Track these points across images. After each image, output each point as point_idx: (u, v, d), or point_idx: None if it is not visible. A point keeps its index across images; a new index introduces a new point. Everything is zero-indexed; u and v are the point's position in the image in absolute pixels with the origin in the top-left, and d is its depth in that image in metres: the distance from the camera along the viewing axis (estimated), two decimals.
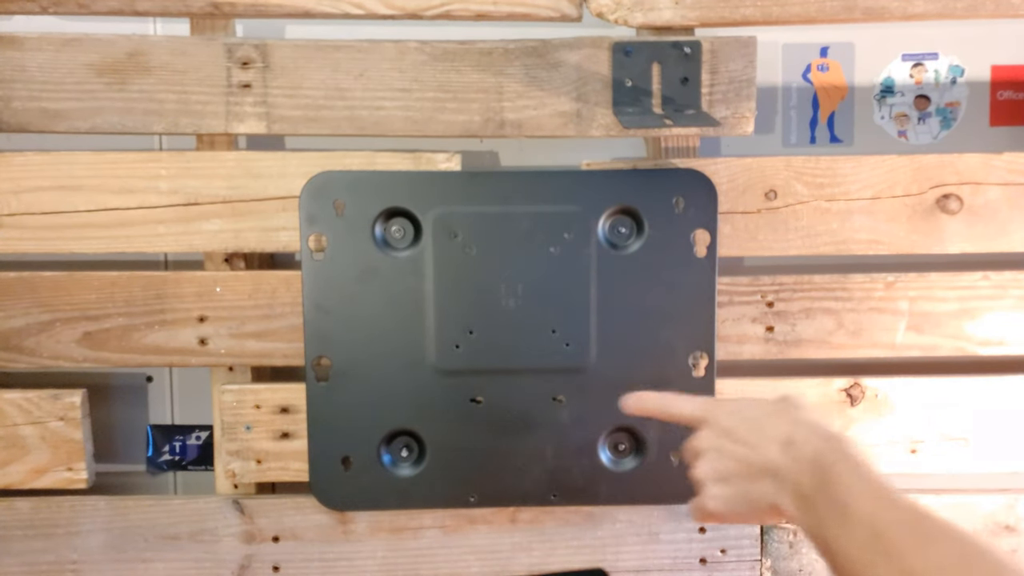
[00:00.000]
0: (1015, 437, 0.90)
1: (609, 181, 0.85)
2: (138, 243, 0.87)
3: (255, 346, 0.87)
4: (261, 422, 0.88)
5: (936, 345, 0.89)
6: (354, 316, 0.84)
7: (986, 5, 0.86)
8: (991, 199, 0.88)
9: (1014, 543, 0.92)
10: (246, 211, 0.86)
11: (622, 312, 0.85)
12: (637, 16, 0.85)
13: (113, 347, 0.87)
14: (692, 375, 0.86)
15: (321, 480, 0.86)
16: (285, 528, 0.89)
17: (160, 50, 0.85)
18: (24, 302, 0.86)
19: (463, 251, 0.84)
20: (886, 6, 0.86)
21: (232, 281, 0.87)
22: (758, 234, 0.88)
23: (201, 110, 0.86)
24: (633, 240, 0.85)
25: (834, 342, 0.89)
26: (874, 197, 0.88)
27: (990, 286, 0.89)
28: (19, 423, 0.88)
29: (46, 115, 0.85)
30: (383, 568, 0.89)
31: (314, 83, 0.85)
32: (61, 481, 0.88)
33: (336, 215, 0.84)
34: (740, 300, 0.89)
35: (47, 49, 0.85)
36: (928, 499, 0.92)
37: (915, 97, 0.96)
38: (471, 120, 0.86)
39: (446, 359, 0.85)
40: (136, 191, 0.86)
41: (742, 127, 0.87)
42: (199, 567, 0.89)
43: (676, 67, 0.85)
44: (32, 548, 0.89)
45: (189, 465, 0.97)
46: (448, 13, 0.85)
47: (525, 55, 0.85)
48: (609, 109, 0.86)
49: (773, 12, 0.85)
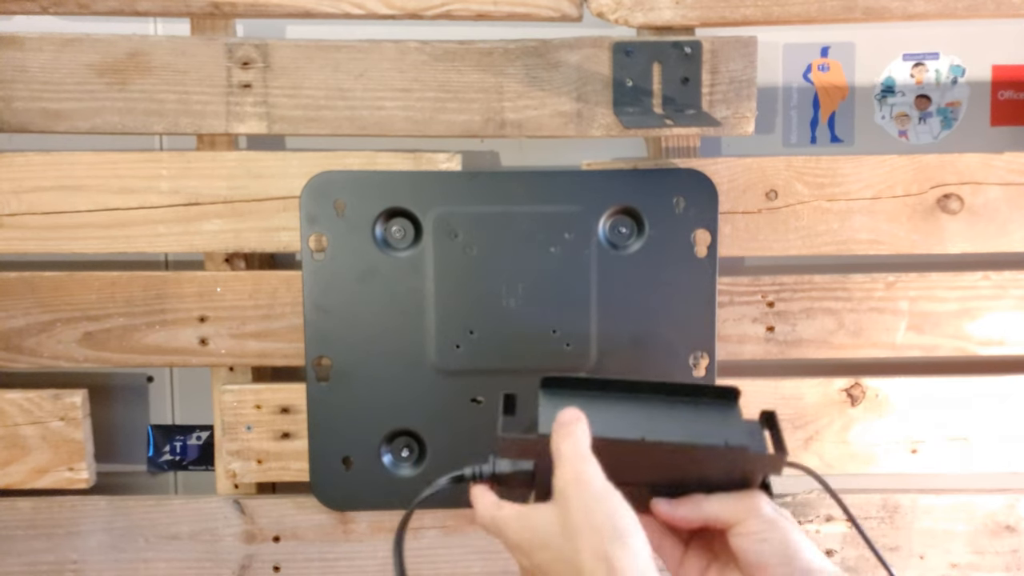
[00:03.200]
0: (1015, 437, 0.90)
1: (609, 181, 0.85)
2: (139, 243, 0.87)
3: (255, 346, 0.88)
4: (262, 422, 0.88)
5: (936, 345, 0.89)
6: (354, 316, 0.84)
7: (987, 5, 0.86)
8: (991, 199, 0.88)
9: (1014, 543, 0.92)
10: (246, 211, 0.86)
11: (623, 312, 0.85)
12: (638, 16, 0.85)
13: (114, 347, 0.87)
14: (693, 375, 0.86)
15: (322, 480, 0.86)
16: (286, 528, 0.89)
17: (161, 50, 0.85)
18: (25, 302, 0.87)
19: (463, 251, 0.84)
20: (886, 6, 0.86)
21: (233, 281, 0.87)
22: (758, 234, 0.88)
23: (202, 110, 0.86)
24: (634, 240, 0.85)
25: (835, 342, 0.89)
26: (874, 197, 0.88)
27: (990, 286, 0.89)
28: (20, 423, 0.88)
29: (47, 115, 0.85)
30: (383, 568, 0.89)
31: (315, 83, 0.86)
32: (62, 481, 0.88)
33: (336, 215, 0.84)
34: (741, 300, 0.89)
35: (48, 49, 0.85)
36: (929, 499, 0.92)
37: (916, 97, 0.96)
38: (471, 120, 0.86)
39: (447, 359, 0.85)
40: (137, 191, 0.86)
41: (742, 127, 0.87)
42: (200, 567, 0.89)
43: (677, 67, 0.85)
44: (33, 548, 0.89)
45: (190, 465, 0.97)
46: (448, 13, 0.85)
47: (525, 55, 0.85)
48: (609, 109, 0.86)
49: (774, 12, 0.85)
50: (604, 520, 0.52)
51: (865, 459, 0.90)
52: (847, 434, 0.90)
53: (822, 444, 0.90)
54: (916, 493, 0.92)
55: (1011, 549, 0.92)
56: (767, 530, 0.57)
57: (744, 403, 0.91)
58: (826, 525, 0.92)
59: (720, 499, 0.59)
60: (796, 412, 0.90)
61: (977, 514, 0.92)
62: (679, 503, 0.59)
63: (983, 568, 0.92)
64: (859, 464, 0.90)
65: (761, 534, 0.57)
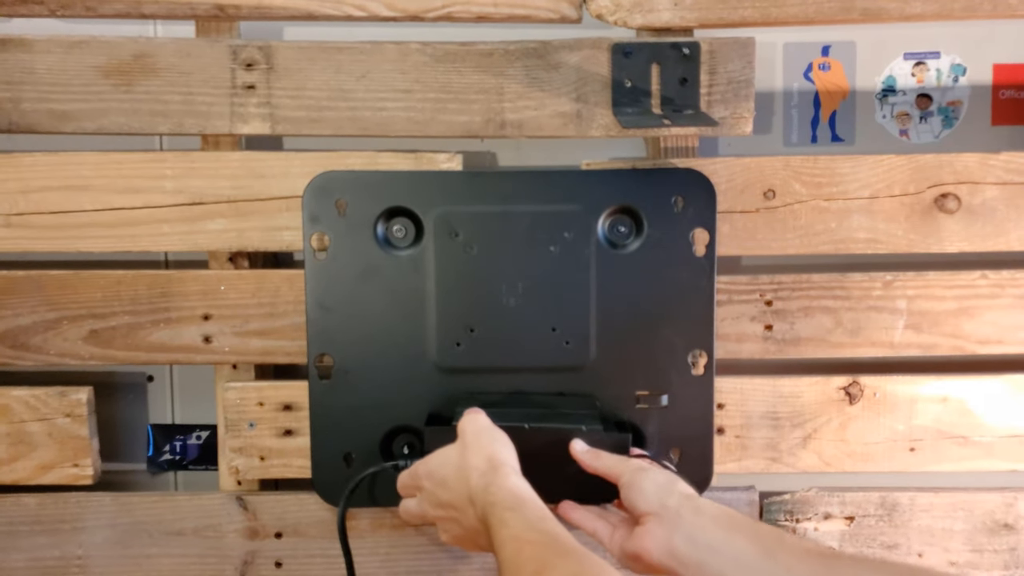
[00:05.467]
0: (1013, 435, 0.91)
1: (609, 181, 0.86)
2: (143, 242, 0.88)
3: (258, 344, 0.88)
4: (264, 419, 0.89)
5: (934, 344, 0.90)
6: (356, 314, 0.85)
7: (984, 5, 0.86)
8: (989, 198, 0.88)
9: (1012, 541, 0.92)
10: (250, 211, 0.87)
11: (622, 311, 0.86)
12: (636, 17, 0.86)
13: (119, 345, 0.88)
14: (691, 373, 0.86)
15: (323, 477, 0.87)
16: (288, 524, 0.90)
17: (166, 52, 0.86)
18: (31, 300, 0.88)
19: (464, 250, 0.85)
20: (884, 7, 0.86)
21: (236, 280, 0.88)
22: (757, 233, 0.88)
23: (206, 111, 0.87)
24: (632, 239, 0.86)
25: (833, 341, 0.90)
26: (872, 196, 0.88)
27: (988, 285, 0.89)
28: (26, 420, 0.89)
29: (54, 116, 0.87)
30: (385, 564, 0.90)
31: (317, 84, 0.87)
32: (67, 477, 0.89)
33: (338, 214, 0.85)
34: (739, 299, 0.89)
35: (55, 51, 0.86)
36: (927, 497, 0.92)
37: (917, 96, 0.96)
38: (472, 120, 0.87)
39: (447, 357, 0.85)
40: (142, 191, 0.87)
41: (740, 127, 0.87)
42: (203, 562, 0.90)
43: (675, 68, 0.86)
44: (38, 543, 0.90)
45: (190, 465, 0.98)
46: (449, 15, 0.86)
47: (525, 56, 0.86)
48: (609, 109, 0.86)
49: (771, 13, 0.86)
50: (488, 446, 0.71)
51: (863, 457, 0.90)
52: (845, 432, 0.90)
53: (820, 442, 0.90)
54: (914, 491, 0.93)
55: (1009, 547, 0.92)
56: (641, 476, 0.72)
57: (742, 401, 0.92)
58: (824, 523, 0.92)
59: (611, 455, 0.76)
60: (794, 410, 0.90)
61: (975, 512, 0.92)
62: (589, 449, 0.77)
63: (981, 566, 0.92)
64: (857, 462, 0.90)
65: (637, 482, 0.71)
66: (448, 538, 0.74)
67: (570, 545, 0.60)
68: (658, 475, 0.72)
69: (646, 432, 0.86)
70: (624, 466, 0.74)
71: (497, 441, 0.73)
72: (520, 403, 0.85)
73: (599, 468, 0.76)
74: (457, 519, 0.71)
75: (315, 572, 0.90)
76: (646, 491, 0.70)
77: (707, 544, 0.65)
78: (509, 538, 0.62)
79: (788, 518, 0.92)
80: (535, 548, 0.60)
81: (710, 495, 0.87)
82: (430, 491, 0.74)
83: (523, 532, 0.62)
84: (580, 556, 0.58)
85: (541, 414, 0.82)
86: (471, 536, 0.71)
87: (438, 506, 0.73)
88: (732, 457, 0.90)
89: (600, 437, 0.78)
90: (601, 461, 0.76)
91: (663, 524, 0.68)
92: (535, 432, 0.78)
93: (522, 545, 0.61)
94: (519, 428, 0.77)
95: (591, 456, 0.77)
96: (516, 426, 0.77)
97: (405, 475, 0.78)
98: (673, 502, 0.69)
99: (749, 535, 0.65)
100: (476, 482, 0.69)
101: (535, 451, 0.75)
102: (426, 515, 0.75)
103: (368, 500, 0.87)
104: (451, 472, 0.72)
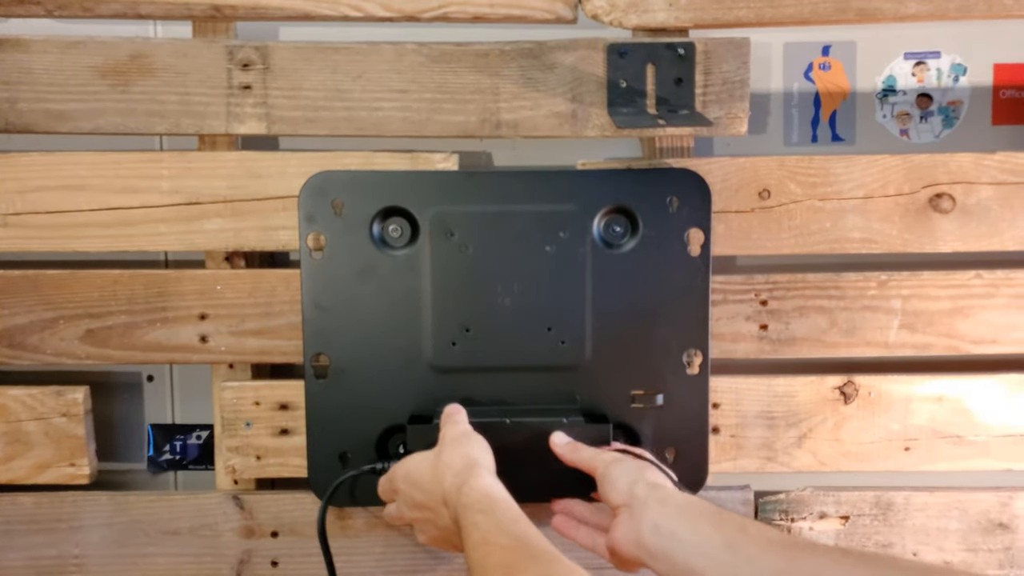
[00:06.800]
0: (1008, 435, 0.91)
1: (604, 181, 0.86)
2: (140, 242, 0.88)
3: (255, 343, 0.89)
4: (261, 418, 0.89)
5: (929, 343, 0.90)
6: (352, 314, 0.85)
7: (979, 6, 0.86)
8: (983, 198, 0.88)
9: (1007, 541, 0.92)
10: (246, 210, 0.88)
11: (617, 310, 0.86)
12: (632, 18, 0.86)
13: (115, 344, 0.88)
14: (686, 373, 0.86)
15: (319, 476, 0.87)
16: (284, 523, 0.90)
17: (162, 52, 0.87)
18: (28, 300, 0.88)
19: (460, 250, 0.85)
20: (879, 7, 0.86)
21: (232, 279, 0.88)
22: (751, 233, 0.89)
23: (202, 111, 0.87)
24: (628, 239, 0.86)
25: (827, 340, 0.90)
26: (867, 196, 0.88)
27: (982, 285, 0.89)
28: (23, 419, 0.89)
29: (51, 116, 0.87)
30: (380, 564, 0.90)
31: (313, 84, 0.87)
32: (63, 476, 0.89)
33: (334, 214, 0.85)
34: (734, 298, 0.89)
35: (52, 51, 0.86)
36: (922, 497, 0.92)
37: (917, 96, 0.96)
38: (468, 121, 0.87)
39: (443, 356, 0.86)
40: (138, 191, 0.87)
41: (735, 127, 0.87)
42: (199, 561, 0.90)
43: (670, 68, 0.86)
44: (35, 543, 0.90)
45: (190, 464, 0.98)
46: (445, 15, 0.86)
47: (521, 56, 0.87)
48: (604, 110, 0.87)
49: (767, 14, 0.86)
50: (463, 445, 0.72)
51: (858, 457, 0.91)
52: (840, 432, 0.90)
53: (815, 442, 0.90)
54: (909, 491, 0.93)
55: (1004, 546, 0.92)
56: (613, 468, 0.72)
57: (737, 401, 0.92)
58: (819, 522, 0.92)
59: (589, 448, 0.77)
60: (789, 410, 0.90)
61: (970, 512, 0.92)
62: (569, 442, 0.78)
63: (976, 565, 0.92)
64: (852, 462, 0.91)
65: (610, 473, 0.72)
66: (425, 539, 0.75)
67: (540, 548, 0.60)
68: (628, 464, 0.72)
69: (641, 432, 0.86)
70: (599, 459, 0.74)
71: (473, 442, 0.73)
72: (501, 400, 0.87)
73: (577, 461, 0.76)
74: (432, 520, 0.72)
75: (311, 571, 0.90)
76: (617, 482, 0.71)
77: (672, 533, 0.65)
78: (480, 541, 0.62)
79: (783, 517, 0.92)
80: (504, 552, 0.60)
81: (705, 494, 0.87)
82: (406, 492, 0.74)
83: (493, 535, 0.62)
84: (550, 560, 0.58)
85: (522, 409, 0.83)
86: (446, 536, 0.71)
87: (414, 507, 0.74)
88: (727, 457, 0.90)
89: (581, 429, 0.79)
90: (579, 454, 0.77)
91: (632, 515, 0.68)
92: (516, 427, 0.79)
93: (492, 549, 0.61)
94: (500, 423, 0.78)
95: (570, 449, 0.77)
96: (497, 421, 0.78)
97: (384, 479, 0.79)
98: (640, 491, 0.68)
99: (714, 524, 0.64)
100: (450, 482, 0.69)
101: (516, 447, 0.77)
102: (403, 516, 0.76)
103: (350, 500, 0.87)
104: (426, 473, 0.72)
